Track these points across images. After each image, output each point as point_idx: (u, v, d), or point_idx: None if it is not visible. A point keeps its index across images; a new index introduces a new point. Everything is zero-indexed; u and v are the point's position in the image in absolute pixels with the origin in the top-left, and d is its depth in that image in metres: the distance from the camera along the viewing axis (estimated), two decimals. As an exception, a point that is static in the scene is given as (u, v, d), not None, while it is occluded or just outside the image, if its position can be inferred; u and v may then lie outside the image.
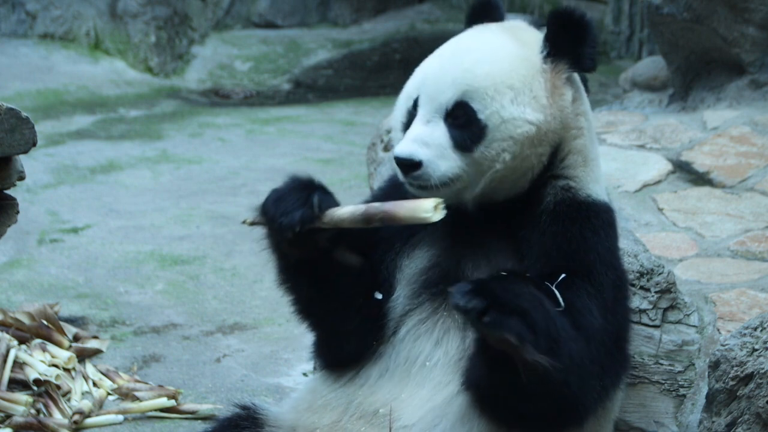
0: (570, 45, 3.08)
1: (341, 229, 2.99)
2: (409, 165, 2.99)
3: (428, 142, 3.00)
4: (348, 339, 3.19)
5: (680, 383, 3.75)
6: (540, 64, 3.07)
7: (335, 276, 3.12)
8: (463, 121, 3.01)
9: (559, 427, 3.05)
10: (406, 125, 3.10)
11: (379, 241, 3.20)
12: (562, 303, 2.89)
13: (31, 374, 4.38)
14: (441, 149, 3.00)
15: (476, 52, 3.05)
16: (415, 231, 3.19)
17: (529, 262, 3.03)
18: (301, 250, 3.04)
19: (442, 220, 2.90)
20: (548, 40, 3.09)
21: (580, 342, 2.91)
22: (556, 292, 2.91)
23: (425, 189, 3.02)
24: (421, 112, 3.04)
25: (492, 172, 3.02)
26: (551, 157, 3.09)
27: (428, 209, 2.90)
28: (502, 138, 3.00)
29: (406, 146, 2.99)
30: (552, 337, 2.77)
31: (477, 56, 3.04)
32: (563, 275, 2.95)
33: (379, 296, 3.15)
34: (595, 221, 3.11)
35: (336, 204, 3.01)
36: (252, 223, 3.09)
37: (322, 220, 2.97)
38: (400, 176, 3.05)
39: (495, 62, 3.03)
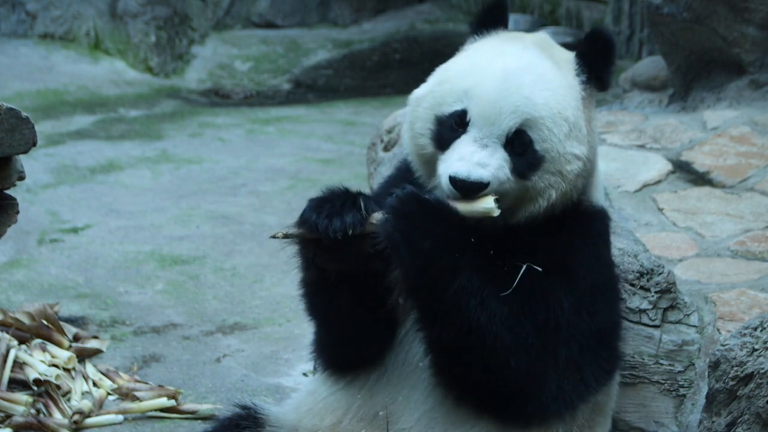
0: (601, 68, 3.11)
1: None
2: (476, 188, 2.93)
3: (489, 164, 2.95)
4: (361, 344, 3.17)
5: (680, 383, 3.75)
6: (580, 91, 3.08)
7: (368, 287, 3.04)
8: (521, 150, 2.99)
9: (525, 416, 3.05)
10: (440, 137, 3.04)
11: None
12: (512, 288, 2.91)
13: (31, 374, 4.38)
14: (503, 171, 2.97)
15: (529, 76, 3.01)
16: None
17: (514, 257, 3.02)
18: (344, 260, 2.96)
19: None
20: (586, 65, 3.11)
21: (525, 322, 2.93)
22: (519, 274, 2.93)
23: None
24: (475, 134, 2.99)
25: (534, 206, 3.03)
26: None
27: (490, 202, 2.91)
28: (554, 171, 3.00)
29: (473, 170, 2.93)
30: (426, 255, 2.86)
31: (531, 81, 3.00)
32: (539, 268, 2.96)
33: (401, 300, 3.07)
34: (587, 230, 3.13)
35: (379, 209, 2.95)
36: (285, 236, 2.96)
37: (370, 223, 2.93)
38: (448, 191, 2.95)
39: (549, 89, 3.01)
